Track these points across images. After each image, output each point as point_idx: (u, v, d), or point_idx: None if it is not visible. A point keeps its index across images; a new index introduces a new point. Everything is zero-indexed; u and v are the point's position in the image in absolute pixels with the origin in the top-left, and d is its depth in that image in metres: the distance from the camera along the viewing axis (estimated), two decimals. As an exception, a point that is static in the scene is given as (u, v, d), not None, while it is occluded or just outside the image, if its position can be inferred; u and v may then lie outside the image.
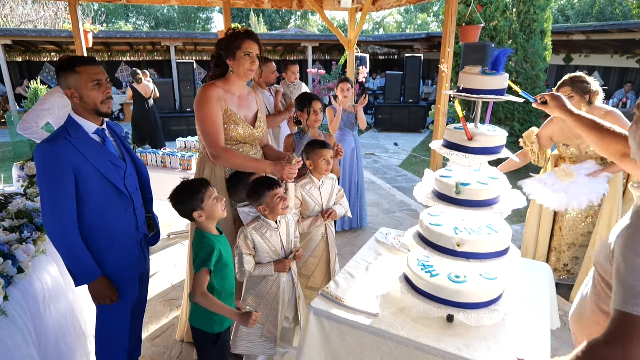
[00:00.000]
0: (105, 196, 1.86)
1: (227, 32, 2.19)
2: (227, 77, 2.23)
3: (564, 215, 3.18)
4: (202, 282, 1.71)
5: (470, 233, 1.62)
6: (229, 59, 2.16)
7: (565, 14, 18.86)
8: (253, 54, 2.15)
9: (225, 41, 2.16)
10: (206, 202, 1.78)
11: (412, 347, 1.56)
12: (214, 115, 2.14)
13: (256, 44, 2.16)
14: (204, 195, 1.78)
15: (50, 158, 1.72)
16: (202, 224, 1.83)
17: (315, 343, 1.78)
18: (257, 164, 2.19)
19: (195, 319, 1.88)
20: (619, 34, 8.99)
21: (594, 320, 1.27)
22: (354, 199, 4.35)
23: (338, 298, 1.80)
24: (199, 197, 1.78)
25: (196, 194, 1.78)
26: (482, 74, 1.54)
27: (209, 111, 2.13)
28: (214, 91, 2.16)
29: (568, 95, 2.80)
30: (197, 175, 2.36)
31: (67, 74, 1.75)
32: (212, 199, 1.81)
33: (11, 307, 1.75)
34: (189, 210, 1.79)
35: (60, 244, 1.78)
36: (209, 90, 2.16)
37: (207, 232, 1.83)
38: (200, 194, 1.78)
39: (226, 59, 2.17)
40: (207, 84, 2.23)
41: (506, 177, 1.74)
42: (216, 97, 2.15)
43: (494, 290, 1.66)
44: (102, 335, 2.03)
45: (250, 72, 2.19)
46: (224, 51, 2.17)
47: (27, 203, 2.36)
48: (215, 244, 1.79)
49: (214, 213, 1.81)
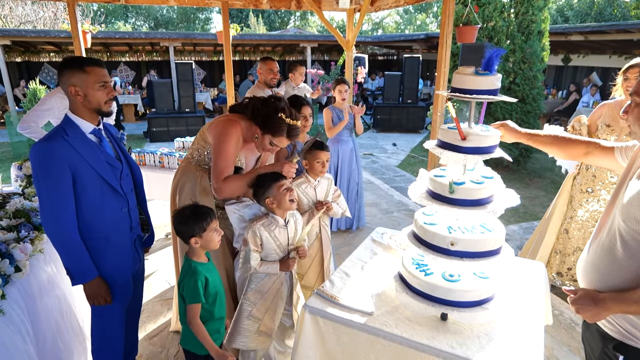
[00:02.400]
0: (101, 195, 1.87)
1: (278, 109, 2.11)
2: (250, 126, 2.20)
3: (573, 217, 3.19)
4: (195, 313, 1.77)
5: (463, 232, 1.64)
6: (263, 132, 2.15)
7: (564, 15, 18.89)
8: (277, 147, 2.20)
9: (270, 119, 2.11)
10: (207, 232, 1.81)
11: (405, 345, 1.57)
12: (231, 152, 2.13)
13: (288, 141, 2.18)
14: (207, 225, 1.80)
15: (47, 157, 1.73)
16: (192, 251, 1.85)
17: (310, 342, 1.78)
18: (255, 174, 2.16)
19: (186, 341, 1.91)
20: (616, 35, 9.02)
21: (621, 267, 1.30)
22: (353, 199, 4.36)
23: (333, 297, 1.81)
24: (202, 225, 1.79)
25: (201, 221, 1.79)
26: (475, 74, 1.55)
27: (228, 146, 2.12)
28: (239, 132, 2.16)
29: (636, 76, 2.72)
30: (176, 181, 2.34)
31: (75, 72, 1.76)
32: (213, 230, 1.83)
33: (8, 305, 1.77)
34: (188, 234, 1.80)
35: (59, 243, 1.79)
36: (236, 130, 2.14)
37: (195, 261, 1.84)
38: (204, 223, 1.80)
39: (258, 127, 2.16)
40: (234, 120, 2.18)
41: (500, 178, 1.75)
42: (237, 137, 2.16)
43: (487, 288, 1.67)
44: (97, 334, 2.04)
45: (264, 150, 2.23)
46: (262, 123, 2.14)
47: (25, 202, 2.38)
48: (199, 274, 1.79)
49: (209, 244, 1.84)
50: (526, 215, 5.10)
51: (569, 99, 10.68)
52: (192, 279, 1.78)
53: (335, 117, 4.16)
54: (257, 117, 2.18)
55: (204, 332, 1.79)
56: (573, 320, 2.97)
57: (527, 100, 6.70)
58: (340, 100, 4.12)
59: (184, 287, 1.80)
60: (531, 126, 6.79)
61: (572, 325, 2.91)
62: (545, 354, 2.60)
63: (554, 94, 11.56)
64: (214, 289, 1.86)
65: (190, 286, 1.77)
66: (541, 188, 6.16)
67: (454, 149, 1.59)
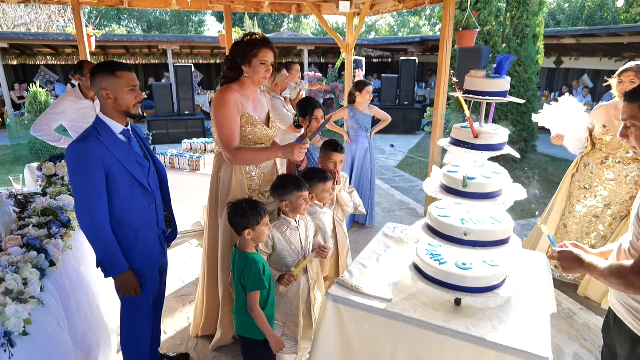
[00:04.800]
0: (132, 192, 1.98)
1: (243, 38, 2.26)
2: (242, 81, 2.30)
3: (571, 212, 3.34)
4: (256, 300, 1.91)
5: (475, 223, 1.77)
6: (245, 65, 2.23)
7: (556, 18, 19.24)
8: (268, 63, 2.23)
9: (242, 47, 2.22)
10: (260, 225, 1.93)
11: (424, 327, 1.70)
12: (231, 119, 2.22)
13: (271, 51, 2.24)
14: (261, 219, 1.93)
15: (82, 156, 1.83)
16: (244, 242, 1.97)
17: (331, 330, 1.90)
18: (268, 152, 2.29)
19: (242, 329, 2.04)
20: (607, 38, 9.27)
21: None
22: (367, 196, 4.50)
23: (354, 286, 1.93)
24: (257, 219, 1.92)
25: (256, 215, 1.92)
26: (486, 77, 1.69)
27: (226, 114, 2.21)
28: (232, 95, 2.24)
29: (630, 80, 2.84)
30: (214, 176, 2.45)
31: (106, 76, 1.86)
32: (265, 225, 1.96)
33: (46, 297, 1.86)
34: (242, 225, 1.93)
35: (93, 238, 1.89)
36: (227, 94, 2.24)
37: (249, 252, 1.97)
38: (260, 217, 1.93)
39: (242, 64, 2.24)
40: (224, 87, 2.29)
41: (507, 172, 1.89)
42: (234, 101, 2.23)
43: (497, 275, 1.81)
44: (127, 325, 2.14)
45: (264, 79, 2.28)
46: (240, 57, 2.23)
47: (51, 201, 2.47)
48: (258, 262, 1.94)
49: (260, 237, 1.97)
50: (523, 213, 5.26)
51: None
52: (254, 267, 1.90)
53: (352, 117, 4.32)
54: (233, 63, 2.25)
55: (264, 318, 1.92)
56: (571, 310, 3.12)
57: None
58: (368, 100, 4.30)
59: (245, 276, 1.91)
60: (526, 127, 6.98)
61: (571, 315, 3.06)
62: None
63: (547, 95, 11.82)
64: (269, 276, 1.99)
65: (252, 274, 1.89)
66: (537, 187, 6.35)
67: (467, 146, 1.73)
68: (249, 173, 2.39)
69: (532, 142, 7.15)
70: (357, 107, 4.34)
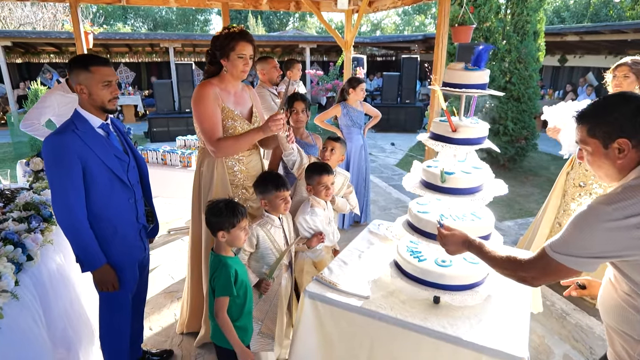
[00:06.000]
0: (110, 187, 1.96)
1: (221, 32, 2.22)
2: (221, 75, 2.29)
3: (566, 210, 3.29)
4: (223, 306, 1.80)
5: (455, 219, 1.73)
6: (223, 59, 2.21)
7: (560, 16, 19.04)
8: (246, 56, 2.21)
9: (220, 41, 2.20)
10: (235, 229, 1.83)
11: (400, 326, 1.66)
12: (210, 112, 2.20)
13: (250, 44, 2.21)
14: (237, 222, 1.82)
15: (59, 149, 1.81)
16: (218, 244, 1.88)
17: (310, 326, 1.87)
18: (249, 135, 2.20)
19: (217, 338, 1.93)
20: (611, 35, 9.14)
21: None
22: (361, 194, 4.46)
23: (331, 282, 1.90)
24: (233, 221, 1.81)
25: (232, 217, 1.81)
26: (464, 69, 1.64)
27: (205, 108, 2.20)
28: (211, 89, 2.23)
29: (624, 75, 2.80)
30: (197, 171, 2.44)
31: (80, 71, 1.84)
32: (242, 229, 1.86)
33: (22, 292, 1.85)
34: (217, 227, 1.83)
35: (70, 232, 1.87)
36: (206, 88, 2.23)
37: (223, 255, 1.86)
38: (236, 219, 1.81)
39: (220, 58, 2.22)
40: (203, 82, 2.29)
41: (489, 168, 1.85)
42: (213, 95, 2.22)
43: (477, 273, 1.77)
44: (105, 320, 2.11)
45: (243, 73, 2.25)
46: (219, 51, 2.21)
47: (34, 196, 2.46)
48: (230, 267, 1.83)
49: (235, 241, 1.85)
50: (521, 211, 5.20)
51: (566, 99, 10.79)
52: (224, 271, 1.80)
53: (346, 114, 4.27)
54: (212, 57, 2.24)
55: (230, 326, 1.81)
56: (564, 310, 3.06)
57: (523, 100, 6.80)
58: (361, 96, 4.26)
59: (215, 279, 1.82)
60: (526, 125, 6.89)
61: (563, 315, 3.01)
62: (537, 341, 2.70)
63: (551, 94, 11.69)
64: (243, 283, 1.89)
65: (222, 279, 1.80)
66: (536, 186, 6.27)
67: (445, 141, 1.69)
68: (231, 168, 2.36)
69: (532, 141, 7.06)
70: (350, 104, 4.30)
